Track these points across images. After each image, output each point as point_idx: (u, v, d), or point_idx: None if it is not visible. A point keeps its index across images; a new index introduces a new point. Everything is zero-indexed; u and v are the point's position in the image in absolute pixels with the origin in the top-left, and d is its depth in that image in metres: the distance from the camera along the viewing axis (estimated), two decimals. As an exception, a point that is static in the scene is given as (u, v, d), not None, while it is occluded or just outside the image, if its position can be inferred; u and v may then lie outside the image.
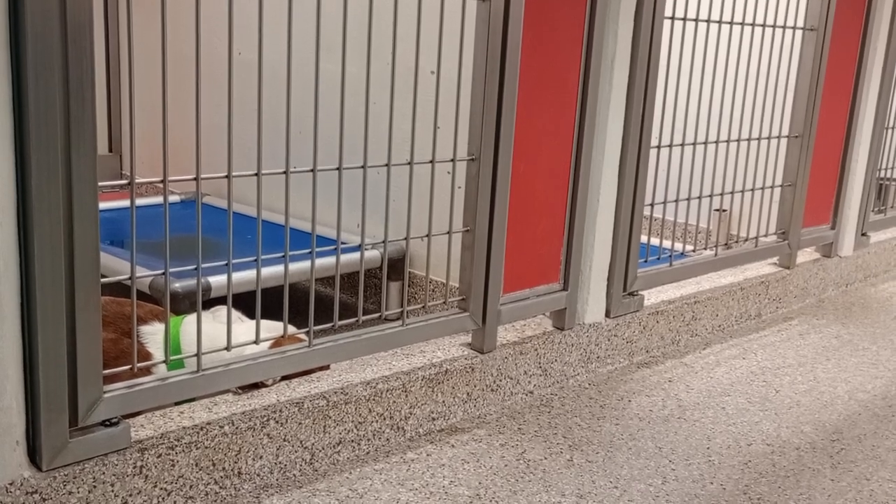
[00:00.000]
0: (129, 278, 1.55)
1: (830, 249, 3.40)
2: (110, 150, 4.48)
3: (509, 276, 2.18)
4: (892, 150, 3.74)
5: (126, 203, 3.42)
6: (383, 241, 1.97)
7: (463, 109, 2.02)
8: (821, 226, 3.33)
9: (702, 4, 2.75)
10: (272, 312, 1.93)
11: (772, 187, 3.04)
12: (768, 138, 2.97)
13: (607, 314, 2.49)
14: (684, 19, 2.49)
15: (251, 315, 1.88)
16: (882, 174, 3.69)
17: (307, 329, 1.81)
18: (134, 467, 1.56)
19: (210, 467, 1.68)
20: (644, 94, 2.39)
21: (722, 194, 2.87)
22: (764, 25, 2.83)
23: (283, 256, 1.75)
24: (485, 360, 2.16)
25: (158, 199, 3.61)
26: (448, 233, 2.06)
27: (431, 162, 1.98)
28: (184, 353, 1.87)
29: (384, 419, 1.96)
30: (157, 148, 4.10)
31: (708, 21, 2.59)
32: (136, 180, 1.53)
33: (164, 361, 1.71)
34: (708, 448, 2.08)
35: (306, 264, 2.50)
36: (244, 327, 1.94)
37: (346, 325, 1.93)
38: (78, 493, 1.50)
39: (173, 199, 3.69)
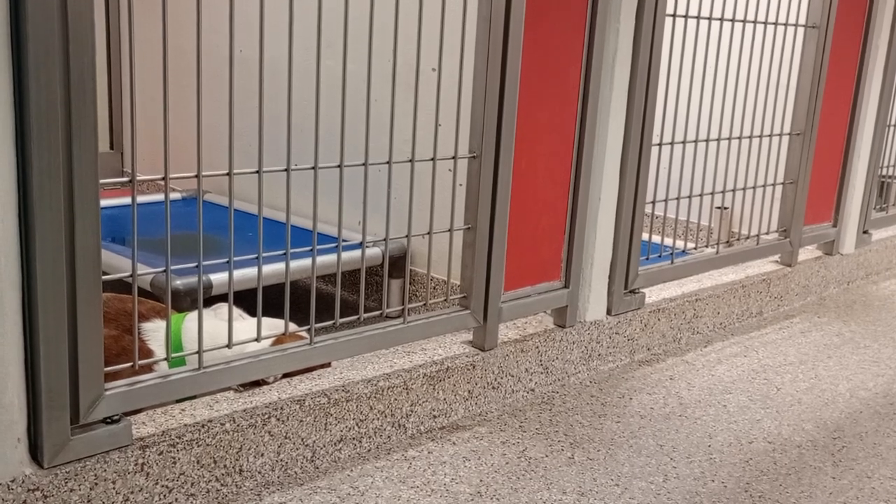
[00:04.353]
0: (131, 275, 1.55)
1: (832, 247, 3.40)
2: (111, 148, 4.48)
3: (510, 273, 2.18)
4: (894, 148, 3.74)
5: (127, 200, 3.41)
6: (384, 239, 1.97)
7: (464, 107, 2.02)
8: (822, 223, 3.32)
9: (703, 2, 2.75)
10: (273, 310, 1.93)
11: (773, 185, 3.03)
12: (770, 136, 2.96)
13: (608, 312, 2.49)
14: (686, 17, 2.49)
15: (252, 312, 1.88)
16: (884, 172, 3.69)
17: (308, 327, 1.81)
18: (135, 465, 1.56)
19: (211, 465, 1.68)
20: (645, 91, 2.39)
21: (723, 192, 2.87)
22: (766, 23, 2.83)
23: (285, 254, 1.75)
24: (486, 358, 2.16)
25: (160, 197, 3.61)
26: (449, 230, 2.05)
27: (433, 159, 1.98)
28: (185, 351, 1.87)
29: (385, 417, 1.96)
30: (158, 145, 4.10)
31: (710, 18, 2.58)
32: (138, 177, 1.53)
33: (165, 359, 1.71)
34: (709, 446, 2.08)
35: (307, 262, 2.50)
36: (245, 325, 1.94)
37: (348, 323, 1.93)
38: (79, 490, 1.50)
39: (174, 196, 3.69)
